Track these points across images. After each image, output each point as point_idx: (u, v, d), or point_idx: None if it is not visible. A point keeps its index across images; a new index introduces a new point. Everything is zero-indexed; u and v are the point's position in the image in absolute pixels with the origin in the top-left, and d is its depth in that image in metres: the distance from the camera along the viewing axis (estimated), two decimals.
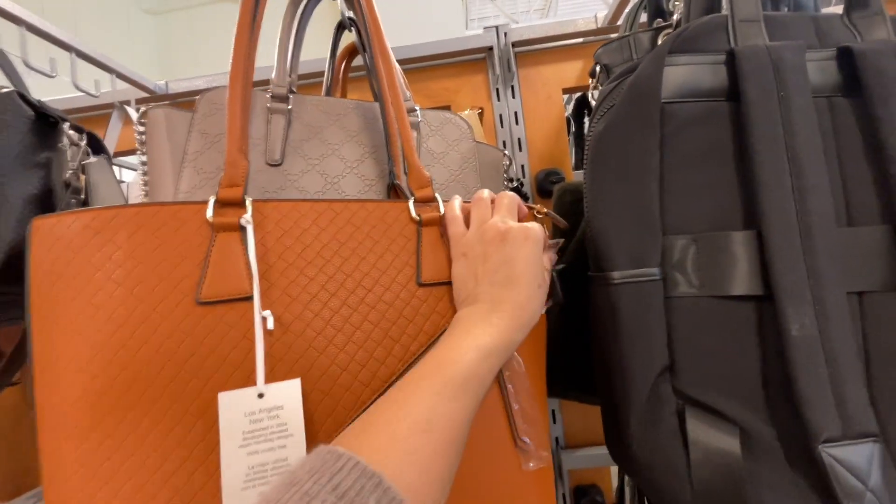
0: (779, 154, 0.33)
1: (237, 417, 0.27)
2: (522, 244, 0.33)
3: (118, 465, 0.26)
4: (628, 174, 0.35)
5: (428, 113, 0.49)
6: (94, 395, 0.27)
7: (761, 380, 0.33)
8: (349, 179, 0.43)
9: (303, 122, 0.45)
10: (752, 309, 0.34)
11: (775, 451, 0.32)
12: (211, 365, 0.28)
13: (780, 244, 0.32)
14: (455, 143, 0.48)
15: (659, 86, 0.35)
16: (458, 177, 0.46)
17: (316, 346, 0.30)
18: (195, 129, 0.41)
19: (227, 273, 0.29)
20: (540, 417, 0.35)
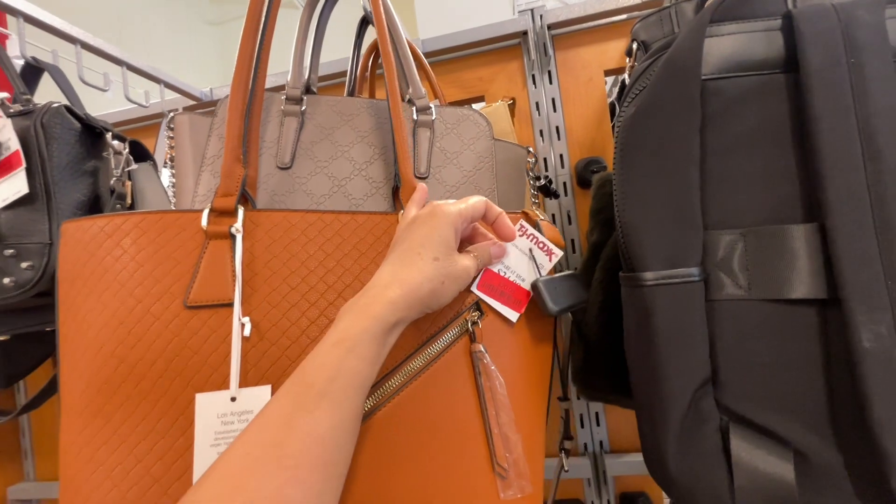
0: (848, 132, 0.28)
1: (211, 418, 0.28)
2: (425, 221, 0.31)
3: (112, 449, 0.28)
4: (663, 163, 0.31)
5: (445, 110, 0.46)
6: (98, 384, 0.29)
7: (826, 398, 0.28)
8: (356, 182, 0.42)
9: (315, 123, 0.45)
10: (815, 315, 0.29)
11: (841, 481, 0.27)
12: (194, 365, 0.29)
13: (849, 239, 0.27)
14: (471, 142, 0.45)
15: (699, 60, 0.31)
16: (471, 178, 0.44)
17: (289, 355, 0.30)
18: (214, 134, 0.42)
19: (215, 279, 0.30)
20: (524, 444, 0.32)
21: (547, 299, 0.35)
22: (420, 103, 0.45)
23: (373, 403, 0.30)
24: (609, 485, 0.71)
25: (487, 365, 0.32)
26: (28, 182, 0.41)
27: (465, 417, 0.31)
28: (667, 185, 0.31)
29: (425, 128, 0.45)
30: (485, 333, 0.33)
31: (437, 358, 0.32)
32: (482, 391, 0.32)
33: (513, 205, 0.49)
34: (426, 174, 0.44)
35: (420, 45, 0.76)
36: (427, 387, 0.31)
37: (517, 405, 0.33)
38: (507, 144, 0.50)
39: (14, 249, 0.41)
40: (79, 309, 0.31)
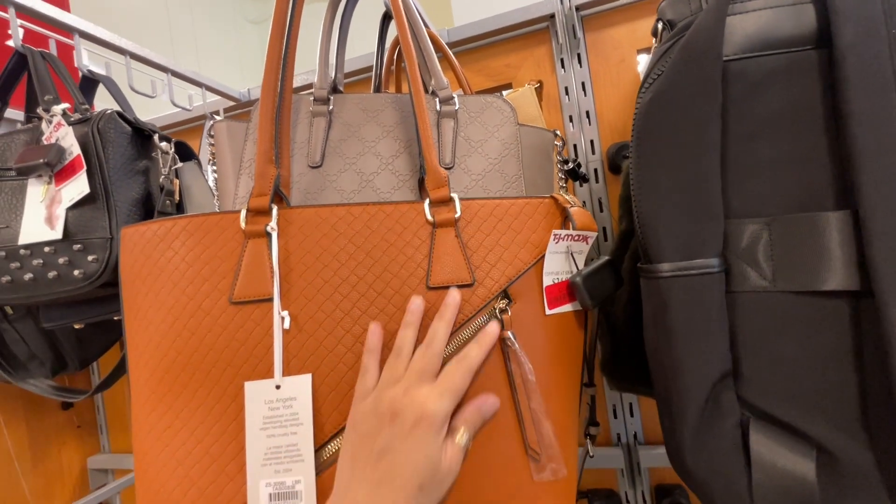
0: (886, 110, 0.26)
1: (259, 404, 0.31)
2: (409, 433, 0.27)
3: (175, 431, 0.31)
4: (680, 150, 0.30)
5: (468, 99, 0.47)
6: (160, 374, 0.32)
7: (857, 394, 0.27)
8: (383, 176, 0.44)
9: (342, 121, 0.46)
10: (845, 307, 0.27)
11: (871, 481, 0.26)
12: (241, 356, 0.31)
13: (884, 227, 0.25)
14: (496, 129, 0.45)
15: (719, 40, 0.29)
16: (496, 165, 0.44)
17: (326, 345, 0.32)
18: (249, 138, 0.44)
19: (255, 276, 0.32)
20: (554, 429, 0.32)
21: (585, 296, 0.35)
22: (443, 94, 0.46)
23: None
24: (643, 476, 0.71)
25: (516, 351, 0.32)
26: (89, 183, 0.46)
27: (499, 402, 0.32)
28: (684, 174, 0.30)
29: (449, 118, 0.46)
30: (515, 320, 0.34)
31: (468, 344, 0.32)
32: (512, 376, 0.32)
33: (541, 190, 0.49)
34: (451, 164, 0.44)
35: (446, 35, 0.76)
36: None
37: (548, 391, 0.34)
38: (532, 129, 0.49)
39: (81, 244, 0.46)
40: (139, 306, 0.34)
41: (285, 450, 0.30)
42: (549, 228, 0.36)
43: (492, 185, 0.43)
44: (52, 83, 0.52)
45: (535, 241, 0.35)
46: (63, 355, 0.70)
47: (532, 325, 0.34)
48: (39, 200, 0.47)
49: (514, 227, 0.35)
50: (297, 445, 0.30)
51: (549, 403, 0.33)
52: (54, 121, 0.47)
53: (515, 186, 0.43)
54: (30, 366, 0.65)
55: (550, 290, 0.35)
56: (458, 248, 0.34)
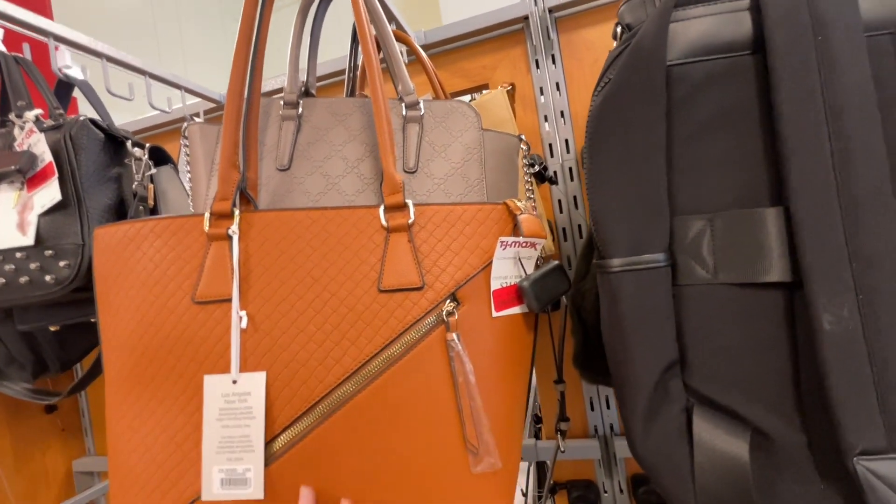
0: (814, 111, 0.27)
1: (216, 397, 0.33)
2: None
3: (144, 420, 0.34)
4: (629, 151, 0.31)
5: (434, 104, 0.48)
6: (129, 367, 0.35)
7: (792, 380, 0.29)
8: (349, 179, 0.45)
9: (311, 125, 0.47)
10: (781, 298, 0.29)
11: (803, 460, 0.28)
12: (203, 352, 0.33)
13: (813, 221, 0.27)
14: (459, 134, 0.47)
15: (662, 46, 0.31)
16: (459, 169, 0.45)
17: (280, 343, 0.33)
18: (220, 141, 0.45)
19: (216, 277, 0.34)
20: (495, 425, 0.34)
21: (532, 299, 0.37)
22: (408, 99, 0.47)
23: (355, 386, 0.33)
24: (620, 466, 0.72)
25: (459, 353, 0.34)
26: (61, 190, 0.46)
27: (440, 399, 0.34)
28: (632, 173, 0.31)
29: (414, 123, 0.47)
30: (463, 322, 0.35)
31: (415, 345, 0.34)
32: (456, 377, 0.34)
33: (504, 194, 0.50)
34: (415, 168, 0.46)
35: (423, 37, 0.77)
36: (405, 371, 0.34)
37: (491, 389, 0.35)
38: (497, 134, 0.50)
39: (52, 250, 0.47)
40: (111, 304, 0.36)
41: (238, 440, 0.32)
42: (500, 234, 0.37)
43: (453, 189, 0.44)
44: (26, 88, 0.53)
45: (485, 246, 0.36)
46: (44, 358, 0.70)
47: (479, 326, 0.35)
48: (11, 206, 0.47)
49: (466, 233, 0.36)
50: (249, 437, 0.32)
51: (491, 401, 0.35)
52: (26, 127, 0.48)
53: (477, 190, 0.45)
54: (9, 370, 0.65)
55: (498, 293, 0.37)
56: (410, 252, 0.35)
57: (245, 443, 0.32)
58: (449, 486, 0.33)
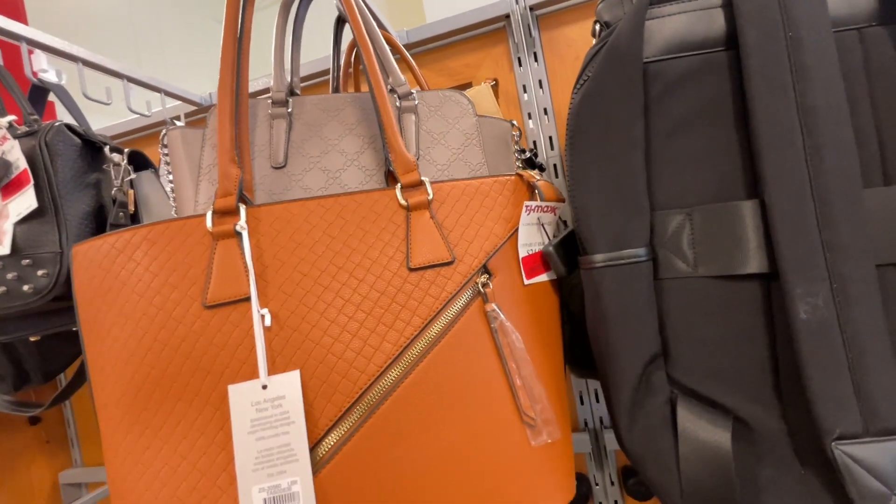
0: (786, 107, 0.28)
1: (245, 407, 0.30)
2: None
3: (156, 452, 0.30)
4: (608, 148, 0.32)
5: (427, 94, 0.48)
6: (133, 392, 0.31)
7: (770, 369, 0.29)
8: (350, 172, 0.44)
9: (303, 122, 0.47)
10: (758, 289, 0.30)
11: (783, 447, 0.28)
12: (222, 361, 0.30)
13: (786, 213, 0.27)
14: (456, 121, 0.47)
15: (639, 43, 0.31)
16: (460, 155, 0.45)
17: (312, 338, 0.31)
18: (207, 143, 0.44)
19: (228, 276, 0.31)
20: (546, 393, 0.34)
21: (559, 263, 0.37)
22: (402, 90, 0.47)
23: (399, 372, 0.32)
24: (610, 459, 0.73)
25: (503, 322, 0.33)
26: (37, 197, 0.45)
27: (489, 375, 0.33)
28: (612, 170, 0.32)
29: (409, 112, 0.47)
30: (497, 293, 0.35)
31: (455, 321, 0.33)
32: (501, 348, 0.33)
33: None
34: (416, 156, 0.46)
35: (405, 36, 0.76)
36: (449, 350, 0.33)
37: (536, 357, 0.35)
38: (491, 120, 0.50)
39: (30, 259, 0.46)
40: (102, 325, 0.32)
41: (277, 451, 0.29)
42: (519, 203, 0.37)
43: (457, 174, 0.45)
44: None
45: (506, 215, 0.36)
46: (25, 369, 0.69)
47: (513, 296, 0.35)
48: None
49: (487, 205, 0.36)
50: (290, 445, 0.29)
51: (538, 369, 0.34)
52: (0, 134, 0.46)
53: (480, 174, 0.45)
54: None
55: (526, 260, 0.37)
56: (435, 227, 0.34)
57: (286, 452, 0.29)
58: (511, 465, 0.32)
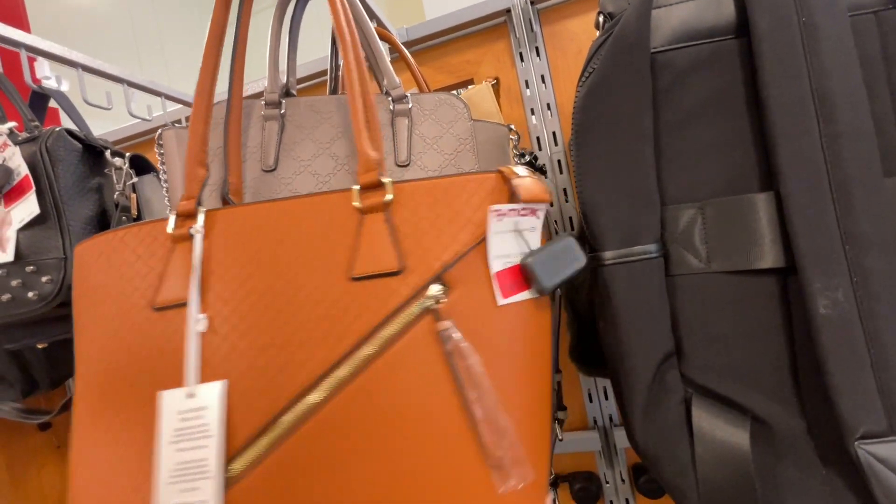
0: (801, 95, 0.27)
1: (171, 415, 0.29)
2: None
3: (101, 449, 0.31)
4: (616, 142, 0.31)
5: (422, 97, 0.47)
6: (95, 390, 0.32)
7: (789, 366, 0.28)
8: (340, 176, 0.44)
9: (295, 124, 0.47)
10: (775, 284, 0.29)
11: (804, 447, 0.27)
12: (163, 365, 0.30)
13: (804, 204, 0.27)
14: (450, 126, 0.46)
15: (646, 33, 0.30)
16: (452, 160, 0.45)
17: (238, 349, 0.30)
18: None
19: (176, 280, 0.31)
20: (517, 427, 0.29)
21: (536, 279, 0.30)
22: (395, 93, 0.46)
23: (322, 396, 0.29)
24: (620, 457, 0.72)
25: (458, 343, 0.29)
26: (39, 203, 0.45)
27: (440, 405, 0.28)
28: (620, 164, 0.31)
29: (403, 116, 0.46)
30: (457, 310, 0.29)
31: (395, 341, 0.29)
32: (458, 373, 0.28)
33: None
34: (407, 161, 0.45)
35: (405, 33, 0.76)
36: (385, 375, 0.29)
37: (509, 388, 0.30)
38: (487, 124, 0.50)
39: (34, 266, 0.45)
40: (84, 323, 0.33)
41: (194, 466, 0.28)
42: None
43: None
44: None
45: (477, 219, 0.30)
46: (33, 376, 0.69)
47: (481, 315, 0.30)
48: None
49: (454, 207, 0.31)
50: (206, 460, 0.28)
51: (511, 401, 0.29)
52: (0, 140, 0.46)
53: None
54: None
55: (502, 276, 0.31)
56: (386, 232, 0.30)
57: (202, 468, 0.28)
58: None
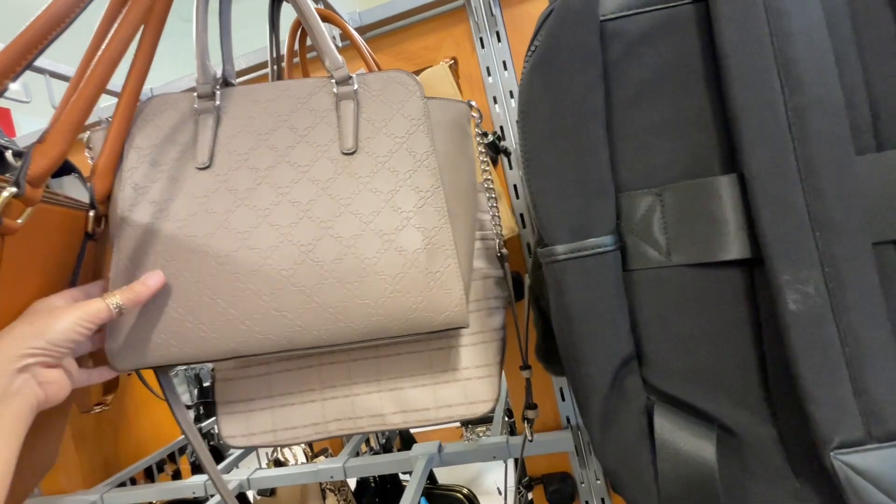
0: (763, 63, 0.24)
1: None
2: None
3: None
4: (563, 122, 0.28)
5: (368, 77, 0.43)
6: None
7: (757, 368, 0.26)
8: (280, 169, 0.40)
9: (232, 116, 0.42)
10: (741, 277, 0.26)
11: (774, 457, 0.25)
12: None
13: (767, 186, 0.24)
14: (400, 106, 0.42)
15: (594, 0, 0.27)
16: (403, 144, 0.41)
17: None
18: (132, 147, 0.40)
19: None
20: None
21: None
22: (338, 74, 0.42)
23: None
24: (594, 456, 0.70)
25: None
26: None
27: None
28: (568, 147, 0.28)
29: (348, 100, 0.42)
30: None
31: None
32: None
33: (459, 167, 0.45)
34: (353, 148, 0.41)
35: (357, 18, 0.71)
36: None
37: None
38: (443, 101, 0.45)
39: None
40: None
41: None
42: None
43: (399, 166, 0.40)
44: None
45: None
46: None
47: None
48: None
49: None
50: None
51: None
52: None
53: (426, 164, 0.40)
54: None
55: None
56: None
57: None
58: None
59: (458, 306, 0.37)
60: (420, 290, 0.36)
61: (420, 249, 0.37)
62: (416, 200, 0.38)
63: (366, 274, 0.36)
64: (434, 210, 0.39)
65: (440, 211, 0.39)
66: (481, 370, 0.48)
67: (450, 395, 0.47)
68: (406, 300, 0.36)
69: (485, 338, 0.50)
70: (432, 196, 0.39)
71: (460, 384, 0.48)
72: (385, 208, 0.38)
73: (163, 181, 0.37)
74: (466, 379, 0.48)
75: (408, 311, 0.36)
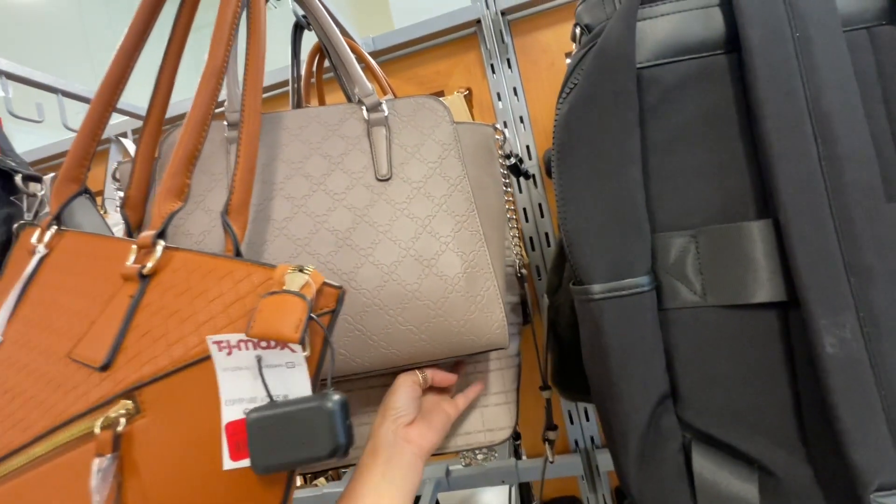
0: (797, 115, 0.25)
1: None
2: None
3: None
4: (601, 164, 0.28)
5: (398, 102, 0.43)
6: None
7: (793, 409, 0.26)
8: (316, 198, 0.40)
9: (264, 144, 0.42)
10: (775, 319, 0.27)
11: (812, 497, 0.25)
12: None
13: (805, 233, 0.24)
14: (431, 131, 0.42)
15: (631, 47, 0.28)
16: (436, 169, 0.41)
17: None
18: (158, 176, 0.40)
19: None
20: None
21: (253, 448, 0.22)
22: (369, 101, 0.42)
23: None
24: (603, 480, 0.70)
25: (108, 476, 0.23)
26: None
27: None
28: (606, 188, 0.28)
29: (379, 126, 0.42)
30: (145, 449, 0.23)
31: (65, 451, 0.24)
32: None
33: (489, 189, 0.45)
34: (388, 175, 0.41)
35: (370, 43, 0.72)
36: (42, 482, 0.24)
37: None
38: (471, 126, 0.46)
39: None
40: None
41: None
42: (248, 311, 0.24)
43: (435, 191, 0.40)
44: None
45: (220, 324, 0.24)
46: None
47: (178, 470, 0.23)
48: None
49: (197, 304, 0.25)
50: None
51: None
52: None
53: (460, 189, 0.40)
54: None
55: (233, 429, 0.23)
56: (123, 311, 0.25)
57: None
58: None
59: (500, 329, 0.37)
60: (462, 313, 0.36)
61: (460, 274, 0.37)
62: (452, 225, 0.38)
63: (408, 300, 0.36)
64: (470, 234, 0.39)
65: (476, 234, 0.39)
66: (499, 397, 0.48)
67: (468, 422, 0.47)
68: (448, 324, 0.36)
69: (501, 364, 0.50)
70: (468, 220, 0.39)
71: (478, 411, 0.48)
72: (423, 234, 0.38)
73: (198, 213, 0.37)
74: (484, 406, 0.48)
75: (450, 335, 0.37)
